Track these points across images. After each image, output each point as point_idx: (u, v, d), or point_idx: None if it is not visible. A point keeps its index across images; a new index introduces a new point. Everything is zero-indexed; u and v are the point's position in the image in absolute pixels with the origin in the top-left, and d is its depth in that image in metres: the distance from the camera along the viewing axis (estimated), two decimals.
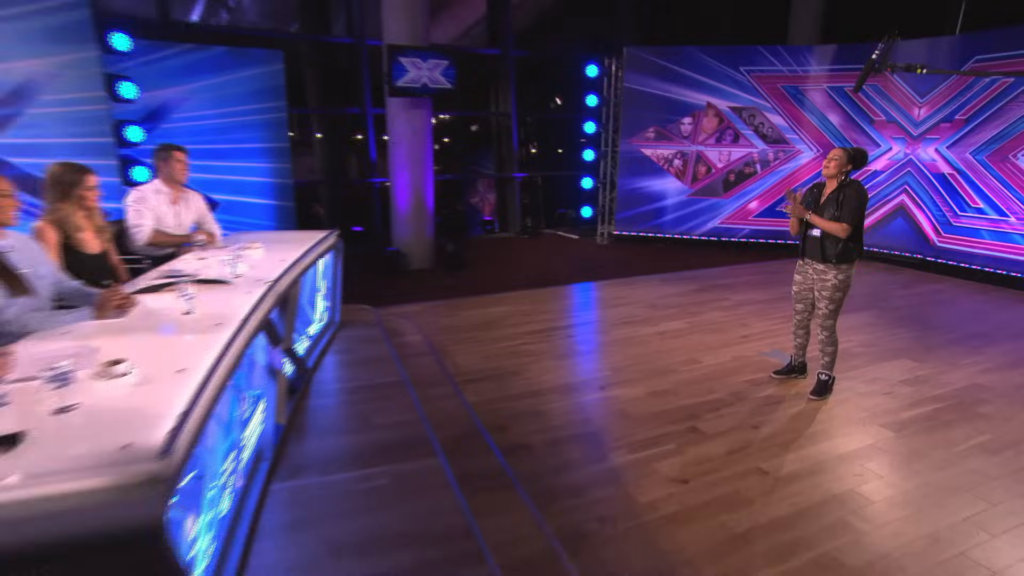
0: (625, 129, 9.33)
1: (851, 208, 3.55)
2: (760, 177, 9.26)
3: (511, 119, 10.23)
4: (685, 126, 9.21)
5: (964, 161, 7.70)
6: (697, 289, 6.69)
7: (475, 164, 11.09)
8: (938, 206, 8.01)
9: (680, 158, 9.33)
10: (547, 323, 5.39)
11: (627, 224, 9.60)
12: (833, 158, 3.58)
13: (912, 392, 4.07)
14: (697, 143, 9.21)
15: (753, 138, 9.13)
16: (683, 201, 9.41)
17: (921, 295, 6.64)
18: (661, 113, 9.23)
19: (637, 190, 9.48)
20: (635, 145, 9.39)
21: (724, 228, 9.39)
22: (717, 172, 9.31)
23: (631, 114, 9.31)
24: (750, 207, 9.37)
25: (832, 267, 3.64)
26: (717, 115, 9.12)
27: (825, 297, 3.72)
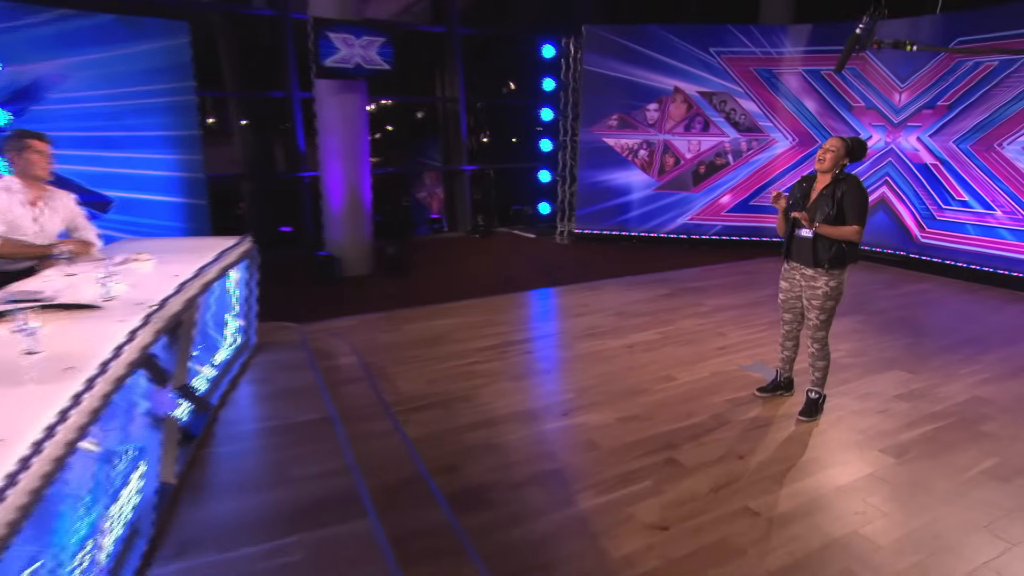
0: (585, 116, 9.26)
1: (856, 206, 3.43)
2: (732, 169, 9.27)
3: (459, 105, 10.07)
4: (651, 113, 9.19)
5: (948, 150, 7.81)
6: (668, 294, 6.66)
7: (421, 155, 10.97)
8: (921, 199, 8.12)
9: (646, 148, 9.31)
10: (502, 337, 5.25)
11: (589, 221, 9.53)
12: (829, 149, 3.46)
13: (909, 409, 4.01)
14: (664, 131, 9.21)
15: (724, 126, 9.15)
16: (650, 196, 9.41)
17: (907, 296, 6.73)
18: (624, 99, 9.17)
19: (599, 184, 9.42)
20: (596, 134, 9.32)
21: (694, 225, 9.40)
22: (686, 163, 9.32)
23: (592, 100, 9.22)
24: (722, 202, 9.38)
25: (823, 273, 3.55)
26: (685, 101, 9.12)
27: (815, 307, 3.62)
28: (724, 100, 9.07)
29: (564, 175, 9.62)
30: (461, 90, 10.03)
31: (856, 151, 3.44)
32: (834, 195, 3.45)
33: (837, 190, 3.44)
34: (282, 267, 7.77)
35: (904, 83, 8.15)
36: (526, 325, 5.64)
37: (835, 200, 3.44)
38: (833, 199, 3.45)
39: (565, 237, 9.67)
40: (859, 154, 3.44)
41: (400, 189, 10.78)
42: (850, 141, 3.44)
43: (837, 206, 3.42)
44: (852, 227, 3.40)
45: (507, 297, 6.48)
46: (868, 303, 6.31)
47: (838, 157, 3.41)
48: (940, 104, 7.82)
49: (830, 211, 3.43)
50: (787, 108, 8.96)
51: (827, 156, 3.41)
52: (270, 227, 9.20)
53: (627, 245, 9.32)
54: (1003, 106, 7.22)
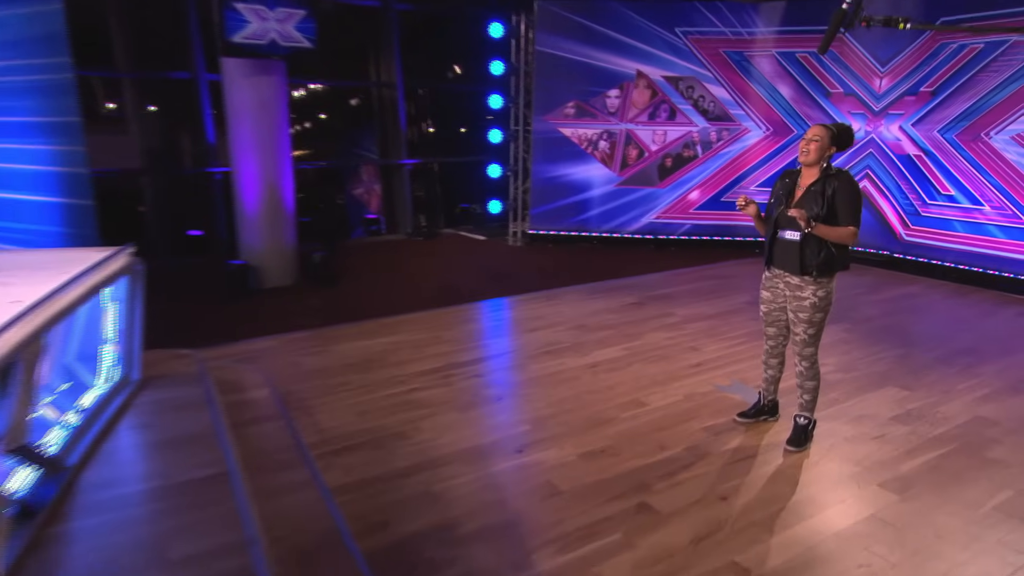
0: (539, 104, 9.21)
1: (850, 205, 3.31)
2: (701, 161, 9.30)
3: (396, 91, 9.89)
4: (611, 100, 9.17)
5: (932, 140, 7.88)
6: (634, 303, 6.61)
7: (358, 147, 10.76)
8: (904, 194, 8.20)
9: (606, 139, 9.29)
10: (446, 357, 5.07)
11: (544, 221, 9.49)
12: (813, 139, 3.36)
13: (908, 433, 3.93)
14: (626, 121, 9.21)
15: (692, 114, 9.19)
16: (611, 192, 9.39)
17: (893, 301, 6.82)
18: (582, 84, 9.10)
19: (555, 179, 9.37)
20: (551, 123, 9.27)
21: (661, 224, 9.42)
22: (651, 156, 9.32)
23: (546, 85, 9.14)
24: (691, 198, 9.39)
25: (811, 281, 3.43)
26: (649, 86, 9.12)
27: (803, 320, 3.50)
28: (691, 86, 9.09)
29: (516, 169, 9.55)
30: (398, 74, 9.85)
31: (842, 139, 3.36)
32: (824, 193, 3.34)
33: (827, 187, 3.34)
34: (188, 279, 7.50)
35: (885, 67, 8.22)
36: (474, 343, 5.48)
37: (825, 199, 3.33)
38: (823, 197, 3.34)
39: (518, 239, 9.62)
40: (846, 142, 3.37)
41: (334, 186, 10.67)
42: (835, 128, 3.36)
43: (827, 205, 3.32)
44: (849, 228, 3.30)
45: (453, 310, 6.37)
46: (853, 310, 6.33)
47: (823, 147, 3.33)
48: (923, 90, 7.89)
49: (819, 211, 3.32)
50: (760, 94, 9.02)
51: (811, 147, 3.32)
52: (176, 231, 8.76)
53: (587, 247, 9.30)
54: (990, 92, 7.30)
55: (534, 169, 9.32)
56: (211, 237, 8.63)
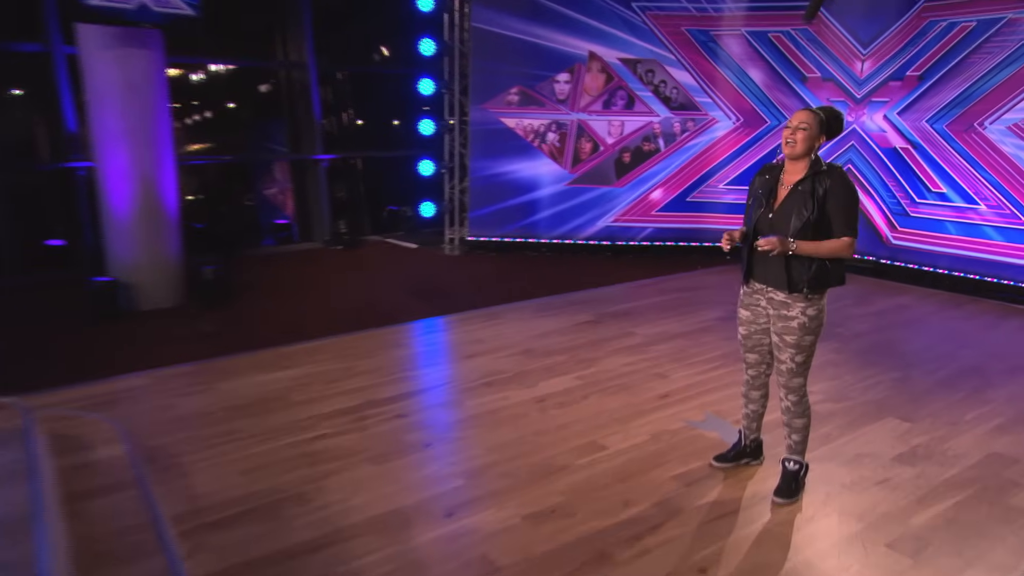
0: (477, 90, 9.09)
1: (844, 210, 3.17)
2: (664, 156, 9.27)
3: (308, 73, 9.66)
4: (560, 86, 9.09)
5: (920, 131, 7.92)
6: (589, 321, 6.53)
7: (271, 141, 10.77)
8: (891, 192, 8.24)
9: (555, 131, 9.22)
10: (364, 394, 4.80)
11: (486, 226, 9.38)
12: (800, 127, 3.22)
13: (915, 477, 3.77)
14: (578, 110, 9.15)
15: (653, 102, 9.15)
16: (562, 192, 9.31)
17: (883, 314, 6.88)
18: (526, 67, 8.99)
19: (497, 177, 9.27)
20: (492, 113, 9.15)
21: (619, 228, 9.36)
22: (607, 150, 9.26)
23: (484, 68, 8.99)
24: (652, 198, 9.33)
25: (800, 299, 3.26)
26: (603, 70, 9.04)
27: (790, 344, 3.31)
28: (651, 69, 9.05)
29: (451, 166, 9.44)
30: (310, 53, 9.64)
31: (832, 126, 3.25)
32: (814, 193, 3.20)
33: (818, 186, 3.19)
34: (42, 301, 7.14)
35: (867, 49, 8.27)
36: (399, 374, 5.23)
37: (816, 200, 3.18)
38: (813, 199, 3.18)
39: (455, 247, 9.56)
40: (836, 129, 3.27)
41: (243, 185, 10.63)
42: (823, 113, 3.24)
43: (819, 208, 3.16)
44: (843, 240, 3.16)
45: (375, 334, 6.16)
46: (840, 325, 6.33)
47: (812, 137, 3.21)
48: (910, 74, 7.94)
49: (809, 215, 3.16)
50: (728, 80, 9.02)
51: (798, 137, 3.19)
52: (30, 241, 8.36)
53: (535, 256, 9.29)
54: (983, 76, 7.36)
55: (472, 166, 9.22)
56: (75, 248, 8.22)
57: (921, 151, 7.92)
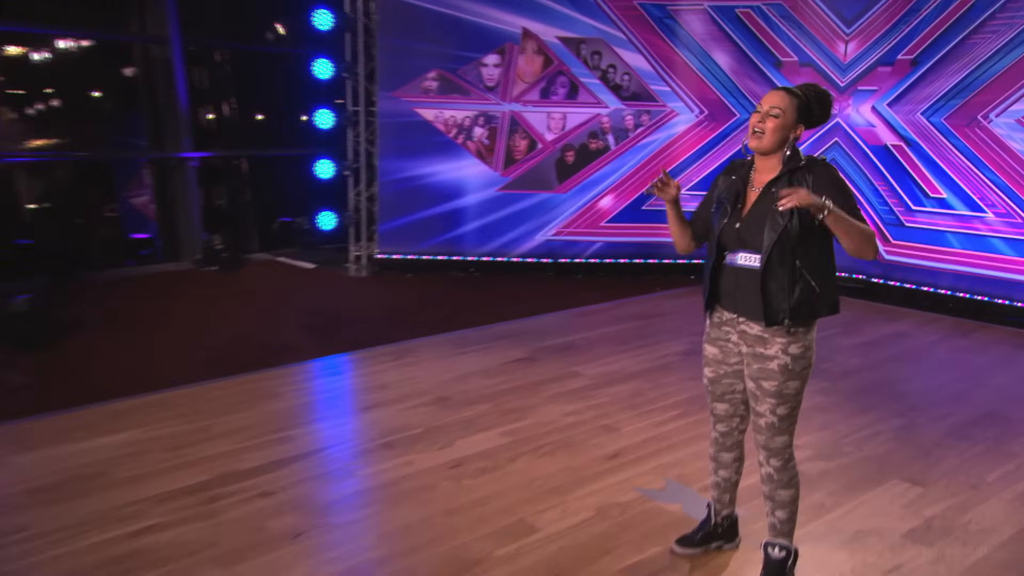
0: (386, 74, 9.04)
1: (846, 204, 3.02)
2: (615, 155, 9.24)
3: (171, 51, 9.52)
4: (489, 69, 9.05)
5: (915, 126, 7.91)
6: (522, 359, 6.45)
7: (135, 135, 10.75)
8: (882, 198, 8.25)
9: (483, 125, 9.18)
10: (218, 464, 4.51)
11: (399, 241, 9.36)
12: (771, 112, 3.09)
13: (934, 561, 3.55)
14: (511, 99, 9.11)
15: (600, 91, 9.11)
16: (492, 199, 9.30)
17: (878, 345, 6.88)
18: (447, 46, 8.95)
19: (413, 181, 9.22)
20: (405, 102, 9.09)
21: (562, 243, 9.36)
22: (546, 149, 9.22)
23: (395, 47, 8.96)
24: (601, 207, 9.33)
25: (781, 333, 3.12)
26: (540, 52, 9.00)
27: (769, 392, 3.15)
28: (598, 51, 9.00)
29: (357, 167, 9.38)
30: (173, 24, 9.47)
31: (815, 110, 3.16)
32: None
33: (796, 185, 3.05)
34: None
35: (851, 28, 8.28)
36: (271, 435, 4.95)
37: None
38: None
39: (362, 267, 9.53)
40: (820, 115, 3.19)
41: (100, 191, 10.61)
42: (803, 94, 3.13)
43: (798, 215, 3.02)
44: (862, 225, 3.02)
45: (248, 381, 5.98)
46: (827, 359, 6.20)
47: (786, 125, 3.09)
48: (901, 58, 7.92)
49: (786, 224, 3.03)
50: (690, 64, 9.04)
51: (768, 125, 3.08)
52: None
53: (460, 277, 9.32)
54: (987, 60, 7.33)
55: (382, 167, 9.21)
56: None
57: (916, 149, 7.87)
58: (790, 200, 2.84)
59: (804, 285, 3.05)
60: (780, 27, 8.58)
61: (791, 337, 3.08)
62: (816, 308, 3.10)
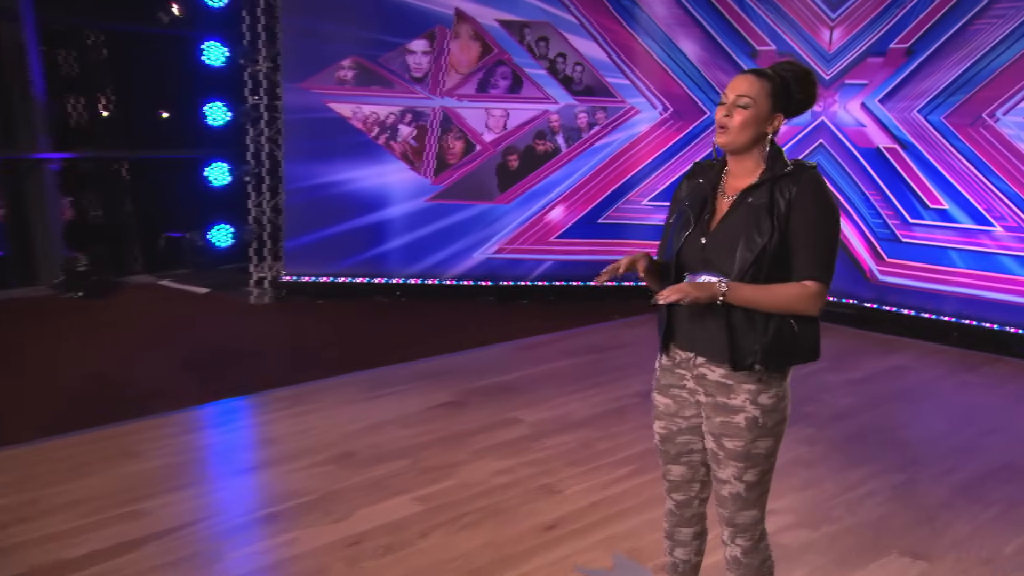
0: (293, 61, 9.03)
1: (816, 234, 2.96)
2: (566, 159, 9.21)
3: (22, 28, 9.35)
4: (416, 57, 9.01)
5: (911, 125, 7.89)
6: (449, 403, 6.37)
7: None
8: (874, 209, 8.25)
9: (410, 122, 9.15)
10: (43, 551, 4.21)
11: (309, 261, 9.32)
12: (739, 102, 2.97)
13: None
14: (442, 92, 9.08)
15: (548, 84, 9.07)
16: (422, 211, 9.27)
17: (872, 383, 6.85)
18: (366, 28, 8.93)
19: (326, 189, 9.16)
20: (316, 95, 9.05)
21: (504, 262, 9.35)
22: (485, 151, 9.20)
23: (304, 28, 8.94)
24: (551, 220, 9.32)
25: (747, 379, 2.98)
26: (477, 37, 8.99)
27: (734, 453, 3.01)
28: (545, 38, 8.96)
29: (259, 172, 9.35)
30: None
31: (796, 92, 3.02)
32: (772, 207, 2.95)
33: (777, 196, 2.95)
34: None
35: (837, 12, 8.31)
36: (119, 509, 4.65)
37: (776, 219, 2.94)
38: (772, 216, 2.93)
39: (265, 291, 9.49)
40: (803, 99, 3.05)
41: None
42: (778, 73, 3.01)
43: (779, 231, 2.91)
44: (805, 287, 2.93)
45: (102, 437, 5.70)
46: (812, 400, 6.26)
47: (759, 117, 2.96)
48: (895, 47, 7.89)
49: (766, 243, 2.90)
50: (652, 54, 9.02)
51: (736, 119, 2.96)
52: None
53: (382, 304, 9.31)
54: (993, 50, 7.30)
55: (289, 172, 9.15)
56: None
57: (913, 152, 7.83)
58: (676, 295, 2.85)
59: (781, 321, 2.93)
60: (755, 11, 8.58)
61: (761, 385, 2.95)
62: (793, 352, 2.98)
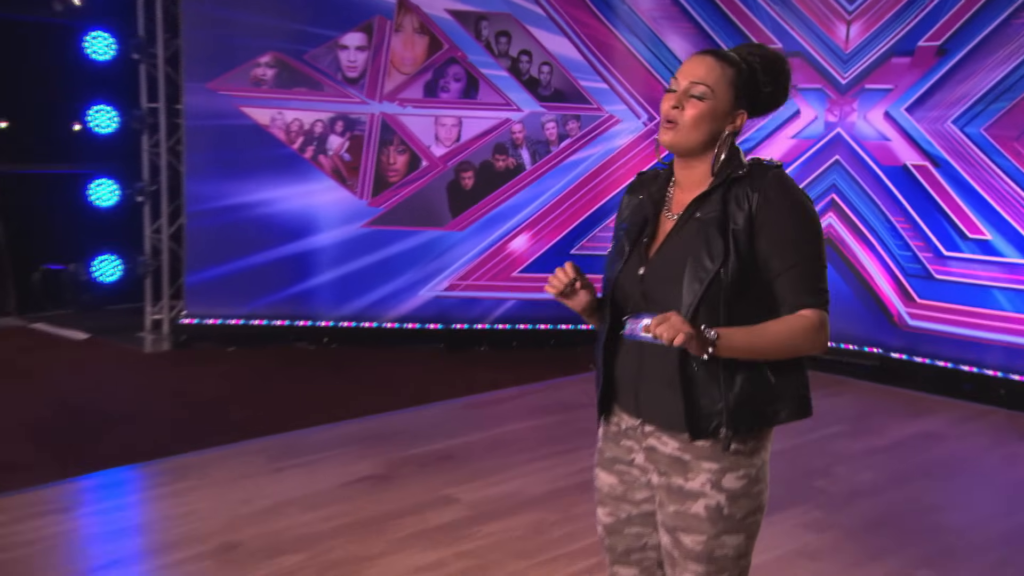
0: (199, 57, 9.07)
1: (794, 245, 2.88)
2: (532, 178, 9.30)
3: None
4: (350, 54, 9.10)
5: (945, 138, 7.87)
6: (371, 476, 6.21)
7: None
8: (902, 239, 8.21)
9: (343, 132, 9.21)
10: None
11: (217, 299, 9.32)
12: (694, 91, 2.88)
13: None
14: (382, 97, 9.14)
15: (511, 88, 9.19)
16: (356, 239, 9.34)
17: (899, 452, 6.74)
18: (288, 19, 9.04)
19: (238, 212, 9.19)
20: (226, 97, 9.07)
21: (457, 301, 9.47)
22: (433, 167, 9.28)
23: (212, 18, 9.00)
24: (513, 249, 9.43)
25: (711, 452, 2.87)
26: (424, 31, 9.10)
27: (692, 552, 2.91)
28: (506, 32, 9.11)
29: (155, 190, 9.35)
30: None
31: (766, 83, 2.94)
32: (726, 221, 2.88)
33: (735, 206, 2.87)
34: None
35: (855, 3, 8.35)
36: None
37: (731, 235, 2.86)
38: (725, 232, 2.86)
39: (163, 337, 9.45)
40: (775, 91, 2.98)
41: None
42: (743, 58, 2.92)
43: (737, 251, 2.84)
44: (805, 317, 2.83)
45: None
46: (822, 474, 6.21)
47: (718, 111, 2.87)
48: (924, 45, 7.86)
49: (718, 269, 2.82)
50: (635, 53, 9.17)
51: (688, 113, 2.86)
52: None
53: (307, 353, 9.33)
54: None
55: (193, 191, 9.14)
56: None
57: (947, 170, 7.80)
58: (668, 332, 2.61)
59: (751, 371, 2.79)
60: (757, 2, 8.63)
61: (728, 460, 2.80)
62: (770, 408, 2.83)
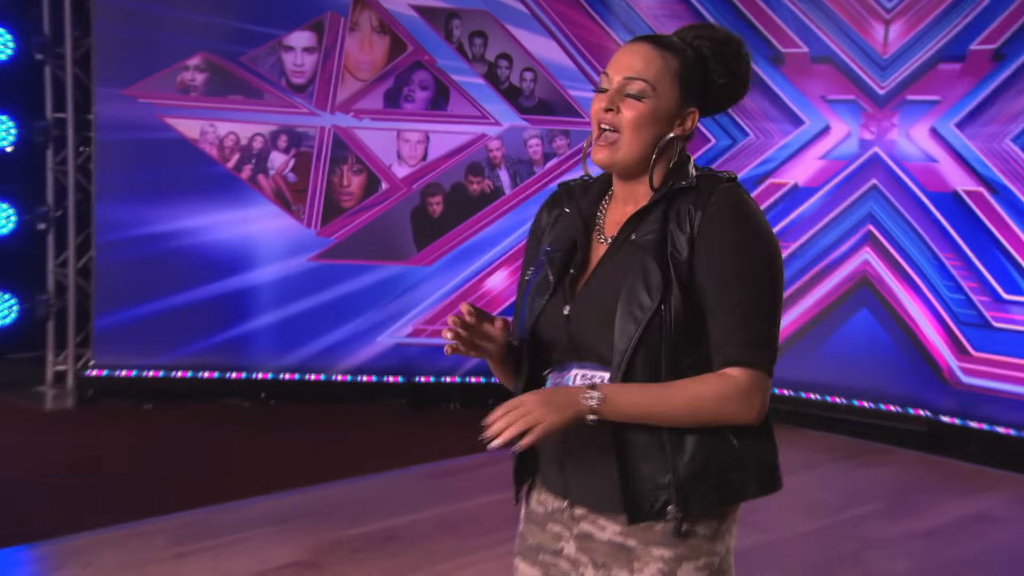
0: (113, 58, 9.16)
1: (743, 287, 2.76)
2: (511, 204, 9.44)
3: None
4: (296, 57, 9.18)
5: (1002, 158, 7.84)
6: (293, 564, 6.10)
7: None
8: (953, 279, 8.18)
9: (287, 148, 9.26)
10: None
11: (132, 346, 9.30)
12: (630, 89, 2.76)
13: None
14: (334, 107, 9.26)
15: (487, 97, 9.29)
16: (302, 274, 9.36)
17: (950, 537, 6.62)
18: (221, 15, 9.18)
19: (159, 243, 9.20)
20: (148, 107, 9.10)
21: (420, 350, 9.54)
22: (395, 191, 9.38)
23: (130, 14, 9.09)
24: (489, 288, 9.56)
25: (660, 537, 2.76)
26: (384, 30, 9.21)
27: None
28: (481, 33, 9.23)
29: (61, 216, 9.37)
30: None
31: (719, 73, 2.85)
32: (664, 245, 2.80)
33: (673, 225, 2.80)
34: None
35: (894, 2, 8.32)
36: None
37: (673, 262, 2.78)
38: (665, 259, 2.78)
39: (66, 392, 9.34)
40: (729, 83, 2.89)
41: None
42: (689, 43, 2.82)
43: (678, 280, 2.74)
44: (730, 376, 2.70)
45: None
46: (852, 559, 6.13)
47: (661, 111, 2.76)
48: (976, 49, 7.85)
49: (657, 304, 2.73)
50: None
51: (625, 115, 2.72)
52: None
53: (241, 411, 9.27)
54: None
55: (104, 217, 9.12)
56: None
57: (1006, 197, 7.73)
58: (520, 423, 2.43)
59: (706, 433, 2.67)
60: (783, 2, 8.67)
61: (680, 546, 2.67)
62: (733, 480, 2.71)
